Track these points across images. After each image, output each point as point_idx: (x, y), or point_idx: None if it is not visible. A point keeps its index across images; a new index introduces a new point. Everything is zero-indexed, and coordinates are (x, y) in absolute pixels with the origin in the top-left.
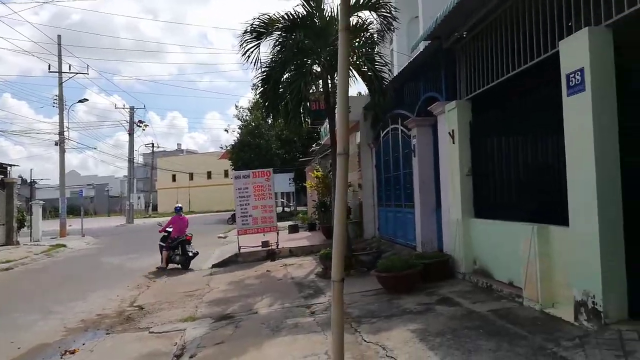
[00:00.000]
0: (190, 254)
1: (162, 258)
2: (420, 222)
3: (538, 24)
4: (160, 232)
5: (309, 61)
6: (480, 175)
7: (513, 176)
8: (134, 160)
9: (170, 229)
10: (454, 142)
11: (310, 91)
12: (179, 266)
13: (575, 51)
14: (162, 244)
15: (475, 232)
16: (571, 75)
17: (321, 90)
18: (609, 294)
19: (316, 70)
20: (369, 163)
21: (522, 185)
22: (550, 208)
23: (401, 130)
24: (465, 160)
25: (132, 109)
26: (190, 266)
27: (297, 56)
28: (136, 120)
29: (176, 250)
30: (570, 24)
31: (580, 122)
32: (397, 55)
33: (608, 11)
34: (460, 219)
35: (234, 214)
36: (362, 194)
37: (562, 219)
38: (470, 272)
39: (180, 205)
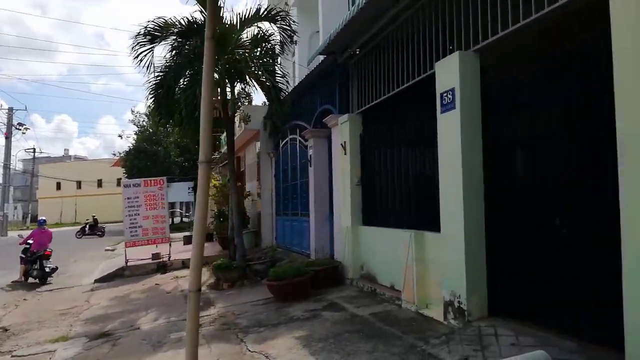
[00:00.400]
0: (47, 269)
1: (20, 271)
2: (314, 230)
3: (419, 46)
4: (20, 244)
5: None
6: (369, 185)
7: (397, 186)
8: (11, 167)
9: (32, 242)
10: (345, 154)
11: None
12: (37, 281)
13: (448, 72)
14: (22, 256)
15: (363, 239)
16: (444, 94)
17: (219, 98)
18: (472, 294)
19: (215, 78)
20: (268, 172)
21: (404, 195)
22: (427, 215)
23: (299, 140)
24: (355, 170)
25: (10, 110)
26: (49, 280)
27: (193, 62)
28: (15, 122)
29: (34, 265)
30: (449, 47)
31: (451, 137)
32: (298, 67)
33: (475, 38)
34: (349, 226)
35: (84, 227)
36: (261, 203)
37: (436, 226)
38: (357, 277)
39: (43, 218)
